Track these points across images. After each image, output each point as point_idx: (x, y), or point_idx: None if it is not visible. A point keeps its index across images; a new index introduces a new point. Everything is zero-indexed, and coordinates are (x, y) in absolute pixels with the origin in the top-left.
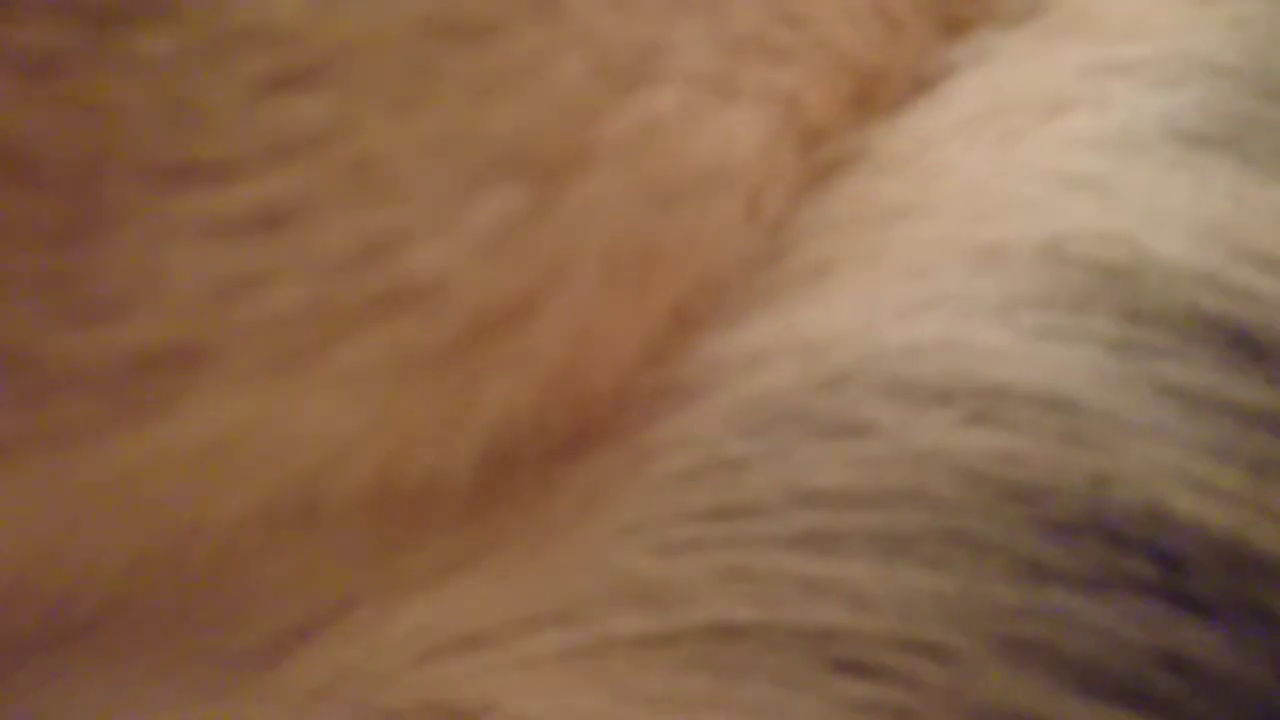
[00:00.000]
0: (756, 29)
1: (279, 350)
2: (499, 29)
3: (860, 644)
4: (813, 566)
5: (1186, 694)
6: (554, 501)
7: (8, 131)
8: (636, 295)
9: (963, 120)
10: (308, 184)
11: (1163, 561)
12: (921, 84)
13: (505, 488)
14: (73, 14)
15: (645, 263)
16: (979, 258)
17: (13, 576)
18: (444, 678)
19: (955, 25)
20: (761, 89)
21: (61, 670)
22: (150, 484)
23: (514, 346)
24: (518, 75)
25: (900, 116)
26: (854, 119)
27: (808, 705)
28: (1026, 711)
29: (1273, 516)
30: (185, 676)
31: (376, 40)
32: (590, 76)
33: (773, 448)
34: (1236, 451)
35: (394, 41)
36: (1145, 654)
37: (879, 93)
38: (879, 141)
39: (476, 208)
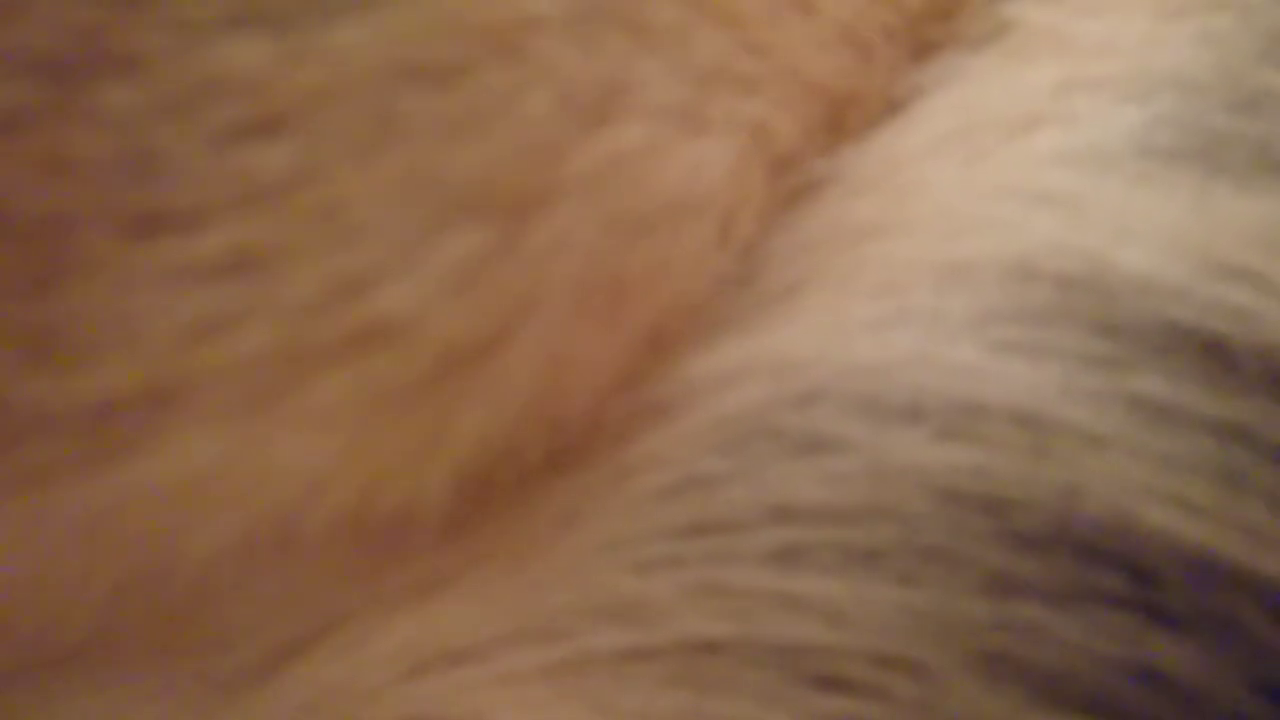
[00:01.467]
0: (721, 60)
1: (250, 390)
2: (462, 71)
3: (834, 659)
4: (787, 582)
5: (1157, 707)
6: (533, 520)
7: None
8: (607, 323)
9: (933, 140)
10: (276, 229)
11: (1133, 574)
12: (892, 106)
13: (484, 509)
14: (36, 70)
15: (615, 291)
16: (949, 275)
17: None
18: (428, 694)
19: (924, 48)
20: (729, 119)
21: (47, 696)
22: (127, 519)
23: (485, 378)
24: (482, 116)
25: (871, 138)
26: (824, 144)
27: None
28: None
29: (1243, 529)
30: (173, 698)
31: (341, 87)
32: (555, 114)
33: (747, 465)
34: (1207, 464)
35: (358, 87)
36: (1116, 667)
37: (849, 117)
38: (850, 164)
39: (443, 247)
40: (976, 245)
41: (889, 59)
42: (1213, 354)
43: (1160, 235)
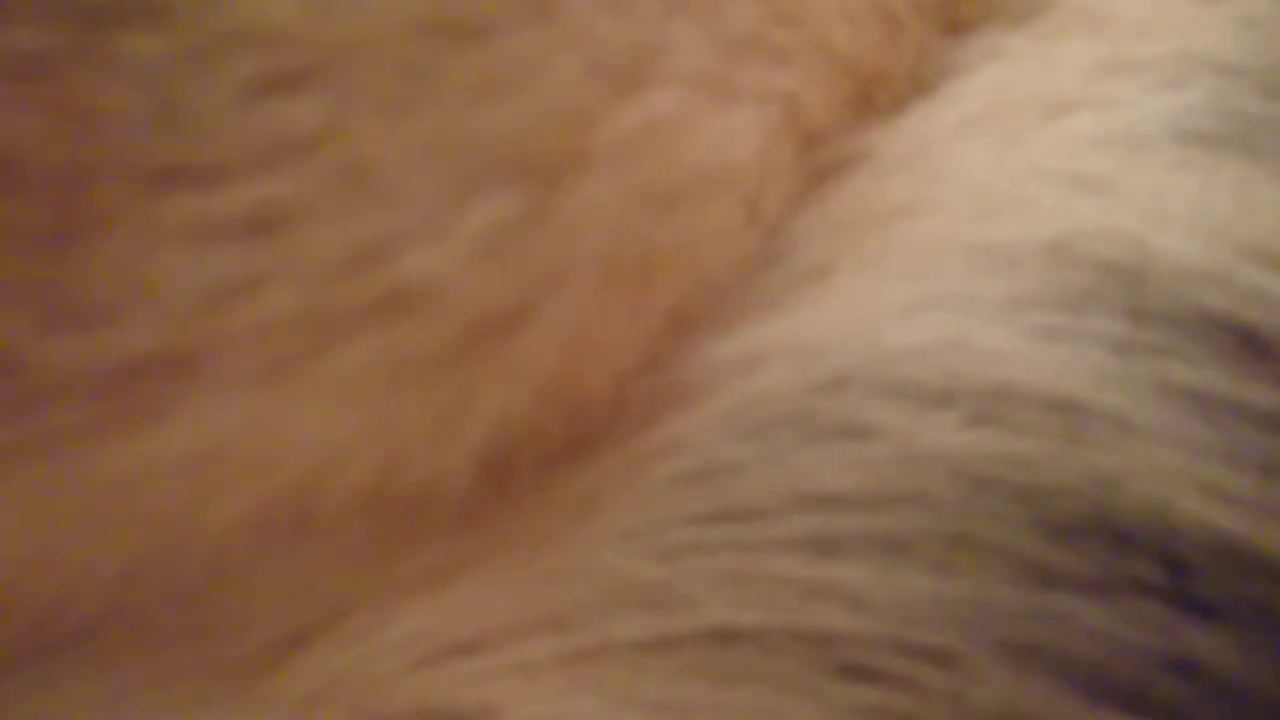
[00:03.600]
0: (754, 30)
1: (271, 356)
2: (493, 30)
3: (861, 648)
4: (813, 570)
5: (1192, 698)
6: (551, 506)
7: None
8: (633, 300)
9: (966, 120)
10: (300, 188)
11: (1169, 564)
12: (924, 84)
13: (502, 493)
14: (60, 16)
15: (642, 267)
16: (982, 258)
17: (5, 583)
18: (442, 683)
19: (958, 25)
20: (760, 90)
21: (56, 678)
22: (143, 491)
23: (510, 352)
24: (512, 78)
25: (903, 116)
26: (853, 120)
27: (808, 711)
28: (1030, 716)
29: (1279, 518)
30: (181, 684)
31: (369, 42)
32: (586, 78)
33: (772, 450)
34: (1244, 453)
35: (387, 43)
36: (1151, 658)
37: (879, 94)
38: (881, 141)
39: (471, 212)
40: (1010, 228)
41: (920, 36)
42: (1250, 341)
43: (1197, 221)
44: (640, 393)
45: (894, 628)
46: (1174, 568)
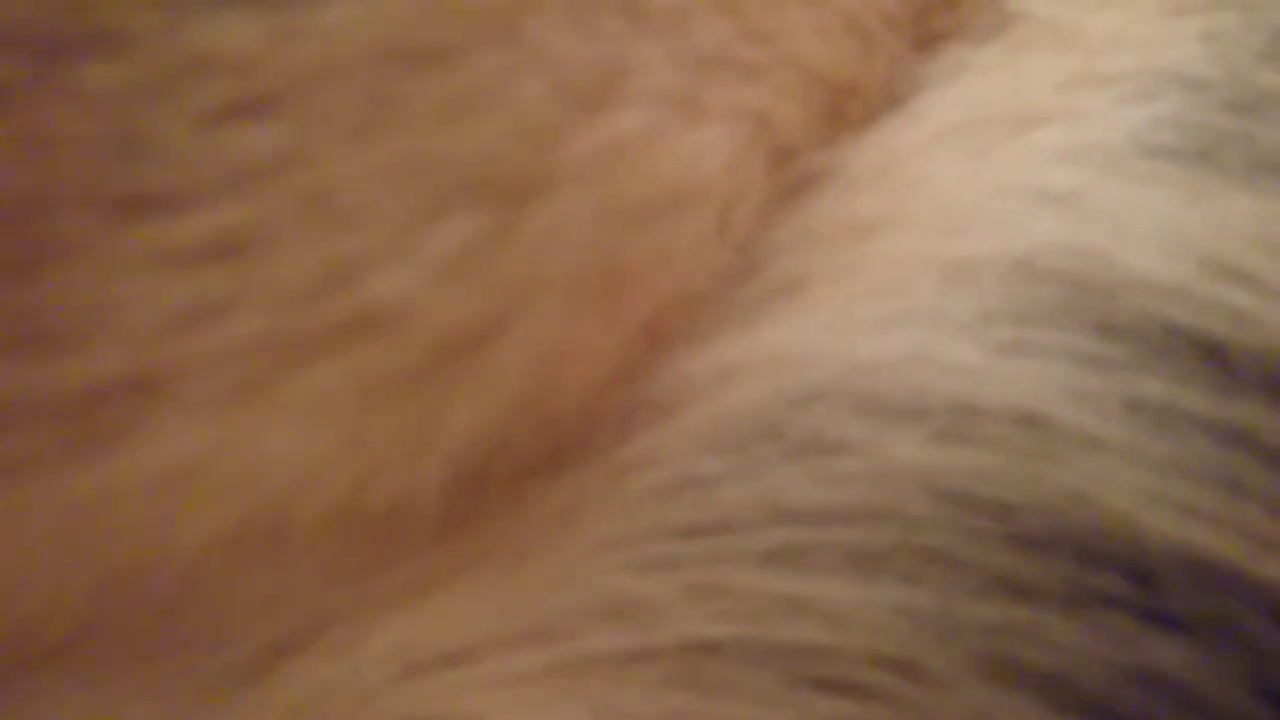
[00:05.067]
0: (722, 47)
1: (238, 379)
2: (456, 53)
3: (834, 661)
4: (787, 583)
5: (1158, 710)
6: (530, 518)
7: None
8: (605, 315)
9: (935, 135)
10: (263, 213)
11: (1136, 578)
12: (895, 98)
13: (478, 507)
14: (19, 46)
15: (612, 283)
16: (950, 273)
17: None
18: (427, 694)
19: (929, 39)
20: (729, 107)
21: (35, 693)
22: (112, 512)
23: (480, 369)
24: (476, 99)
25: (872, 131)
26: (825, 134)
27: None
28: None
29: (1244, 533)
30: (163, 698)
31: (331, 68)
32: (551, 99)
33: (745, 465)
34: (1210, 468)
35: (349, 68)
36: (1118, 670)
37: (851, 108)
38: (851, 157)
39: (437, 234)
40: (978, 243)
41: (891, 50)
42: (1212, 356)
43: (1161, 235)
44: (615, 406)
45: (865, 640)
46: (1141, 582)
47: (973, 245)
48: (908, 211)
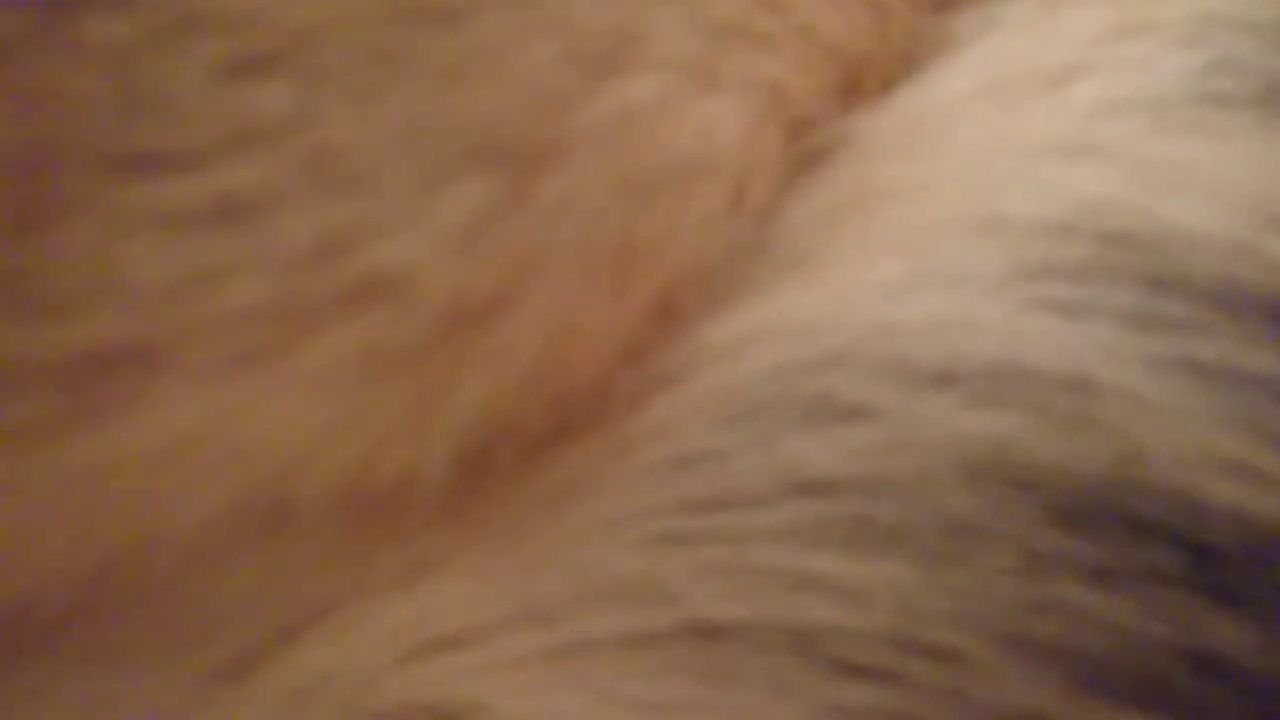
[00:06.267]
0: (737, 17)
1: (241, 347)
2: (467, 13)
3: (856, 645)
4: (804, 561)
5: (1213, 694)
6: (533, 497)
7: None
8: (616, 289)
9: (964, 94)
10: (268, 175)
11: (1191, 551)
12: (918, 60)
13: (483, 485)
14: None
15: (625, 255)
16: (981, 233)
17: None
18: (430, 678)
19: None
20: (743, 77)
21: (22, 679)
22: (111, 485)
23: (488, 342)
24: (487, 62)
25: (897, 93)
26: (841, 106)
27: (797, 710)
28: (1036, 715)
29: None
30: (164, 682)
31: (339, 25)
32: (563, 63)
33: (760, 435)
34: (1273, 431)
35: (357, 26)
36: (1170, 651)
37: (866, 79)
38: (876, 121)
39: (446, 200)
40: (1012, 202)
41: (908, 18)
42: (1273, 313)
43: (1215, 186)
44: (625, 380)
45: (891, 622)
46: (1196, 554)
47: (1006, 204)
48: (934, 174)
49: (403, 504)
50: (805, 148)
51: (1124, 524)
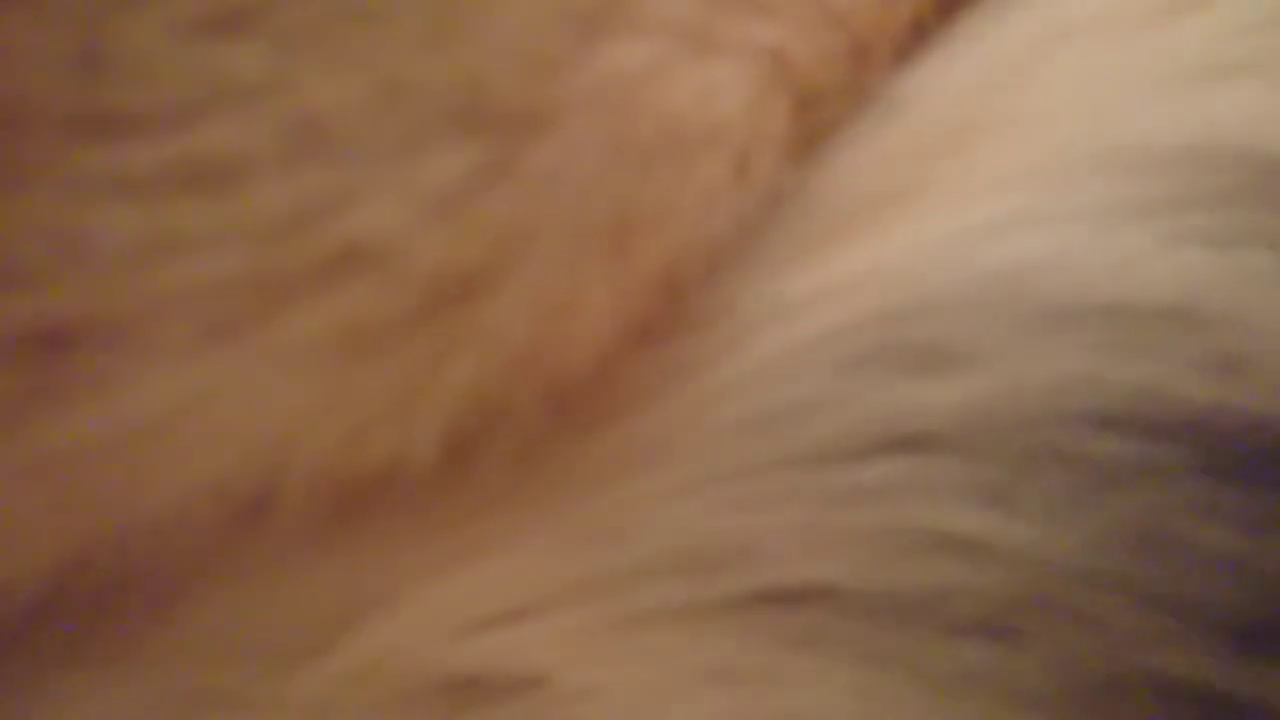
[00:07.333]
0: None
1: (215, 321)
2: None
3: (968, 606)
4: (906, 519)
5: None
6: (591, 465)
7: None
8: (613, 265)
9: (1052, 32)
10: (241, 139)
11: None
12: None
13: (477, 471)
14: None
15: (621, 229)
16: (1109, 162)
17: None
18: (488, 651)
19: None
20: (743, 43)
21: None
22: (76, 472)
23: (476, 319)
24: (471, 21)
25: (994, 19)
26: (852, 75)
27: (900, 679)
28: (1184, 680)
29: None
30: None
31: None
32: (551, 23)
33: (854, 387)
34: None
35: None
36: None
37: (876, 47)
38: (931, 75)
39: (428, 167)
40: (1142, 130)
41: None
42: None
43: None
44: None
45: (1005, 583)
46: None
47: (1135, 132)
48: (1034, 108)
49: (390, 491)
50: (866, 95)
51: (1273, 475)
